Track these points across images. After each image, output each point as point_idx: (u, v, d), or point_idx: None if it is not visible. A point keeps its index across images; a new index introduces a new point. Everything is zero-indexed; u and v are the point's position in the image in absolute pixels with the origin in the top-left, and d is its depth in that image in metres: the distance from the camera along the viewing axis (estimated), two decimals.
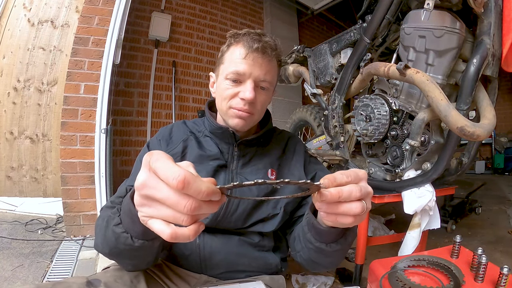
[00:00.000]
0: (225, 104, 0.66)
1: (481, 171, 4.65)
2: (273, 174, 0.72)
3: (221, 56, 0.69)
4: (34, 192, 2.48)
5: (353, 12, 3.79)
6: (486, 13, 0.84)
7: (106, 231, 0.47)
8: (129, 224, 0.43)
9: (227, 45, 0.67)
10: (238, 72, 0.64)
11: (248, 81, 0.65)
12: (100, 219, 0.55)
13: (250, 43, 0.64)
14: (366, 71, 1.15)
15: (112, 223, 0.45)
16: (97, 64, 1.87)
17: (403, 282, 0.53)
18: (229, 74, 0.64)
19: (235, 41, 0.66)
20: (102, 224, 0.48)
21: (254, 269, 0.67)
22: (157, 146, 0.70)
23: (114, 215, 0.45)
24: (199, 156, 0.68)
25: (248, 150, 0.71)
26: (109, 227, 0.46)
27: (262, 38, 0.65)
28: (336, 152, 1.32)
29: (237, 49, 0.65)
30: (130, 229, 0.43)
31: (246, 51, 0.64)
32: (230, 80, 0.65)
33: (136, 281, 0.58)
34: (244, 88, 0.65)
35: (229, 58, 0.66)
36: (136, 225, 0.41)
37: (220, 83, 0.68)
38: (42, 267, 1.39)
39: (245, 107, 0.65)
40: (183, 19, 3.07)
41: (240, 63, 0.64)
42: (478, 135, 0.80)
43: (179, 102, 3.01)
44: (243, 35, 0.66)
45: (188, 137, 0.71)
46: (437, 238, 1.67)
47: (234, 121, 0.67)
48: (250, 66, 0.64)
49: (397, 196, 1.06)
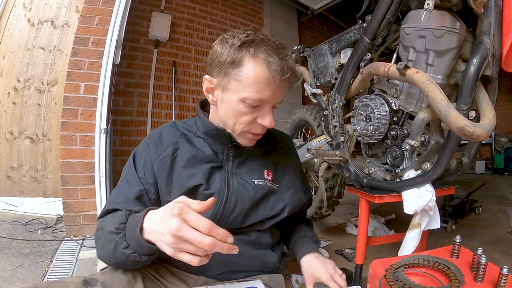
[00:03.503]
0: (240, 127, 0.63)
1: (481, 171, 4.65)
2: (269, 174, 0.72)
3: (231, 67, 0.58)
4: (34, 192, 2.47)
5: (353, 12, 3.79)
6: (486, 13, 0.84)
7: (115, 252, 0.53)
8: (136, 247, 0.51)
9: (240, 55, 0.58)
10: (262, 99, 0.59)
11: (267, 106, 0.61)
12: (100, 231, 0.58)
13: (279, 69, 0.56)
14: (366, 71, 1.15)
15: (120, 247, 0.52)
16: (97, 64, 1.87)
17: (403, 282, 0.53)
18: (250, 100, 0.58)
19: (254, 55, 0.57)
20: (109, 245, 0.54)
21: (253, 268, 0.67)
22: (144, 152, 0.68)
23: (121, 240, 0.52)
24: (191, 158, 0.66)
25: (242, 150, 0.71)
26: (118, 250, 0.52)
27: (287, 62, 0.58)
28: (336, 152, 1.32)
29: (259, 71, 0.56)
30: (138, 250, 0.51)
31: (273, 79, 0.57)
32: (248, 105, 0.59)
33: (134, 281, 0.58)
34: (263, 114, 0.61)
35: (248, 79, 0.57)
36: (144, 248, 0.49)
37: (233, 102, 0.60)
38: (42, 267, 1.39)
39: (263, 132, 0.65)
40: (183, 19, 3.07)
41: (265, 90, 0.58)
42: (478, 135, 0.80)
43: (179, 102, 3.01)
44: (262, 47, 0.57)
45: (178, 140, 0.69)
46: (437, 238, 1.67)
47: (245, 142, 0.66)
48: (273, 94, 0.59)
49: (397, 196, 1.06)
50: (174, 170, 0.66)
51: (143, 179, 0.66)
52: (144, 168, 0.66)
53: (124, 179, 0.68)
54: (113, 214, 0.60)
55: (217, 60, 0.61)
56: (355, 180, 1.26)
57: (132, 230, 0.50)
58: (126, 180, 0.67)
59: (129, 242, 0.51)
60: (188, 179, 0.65)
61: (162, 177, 0.66)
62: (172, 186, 0.65)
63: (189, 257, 0.43)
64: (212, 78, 0.64)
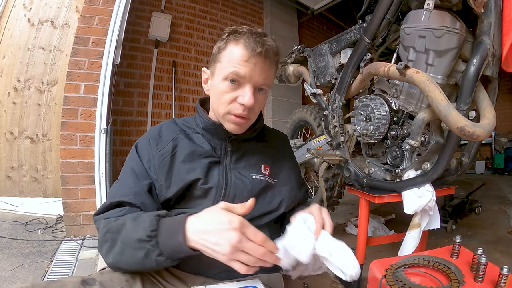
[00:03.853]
0: (222, 108, 0.65)
1: (481, 171, 4.65)
2: (266, 169, 0.73)
3: (218, 53, 0.66)
4: (34, 192, 2.48)
5: (353, 12, 3.79)
6: (486, 13, 0.84)
7: (145, 260, 0.53)
8: (172, 254, 0.52)
9: (225, 42, 0.64)
10: (238, 74, 0.62)
11: (247, 85, 0.63)
12: (111, 234, 0.57)
13: (253, 45, 0.61)
14: (366, 71, 1.15)
15: (153, 254, 0.52)
16: (97, 64, 1.87)
17: (403, 282, 0.53)
18: (229, 75, 0.62)
19: (234, 39, 0.63)
20: (136, 253, 0.53)
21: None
22: (146, 146, 0.68)
23: (153, 247, 0.52)
24: (190, 154, 0.67)
25: (240, 145, 0.72)
26: (150, 257, 0.52)
27: (265, 41, 0.63)
28: (336, 152, 1.32)
29: (237, 49, 0.62)
30: (172, 257, 0.52)
31: (248, 54, 0.61)
32: (229, 81, 0.63)
33: (132, 281, 0.58)
34: (243, 92, 0.63)
35: (228, 57, 0.63)
36: (182, 254, 0.52)
37: (217, 83, 0.66)
38: (42, 267, 1.39)
39: (244, 113, 0.65)
40: (183, 19, 3.07)
41: (240, 65, 0.62)
42: (478, 135, 0.80)
43: (179, 102, 3.02)
44: (244, 34, 0.63)
45: (177, 135, 0.70)
46: (437, 238, 1.67)
47: (230, 126, 0.67)
48: (250, 70, 0.62)
49: (397, 196, 1.06)
50: (174, 166, 0.66)
51: (150, 173, 0.66)
52: (149, 163, 0.67)
53: (130, 172, 0.66)
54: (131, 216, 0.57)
55: (212, 53, 0.69)
56: (355, 180, 1.26)
57: (170, 237, 0.51)
58: (132, 173, 0.66)
59: (163, 249, 0.52)
60: (187, 174, 0.65)
61: (162, 173, 0.66)
62: (171, 181, 0.65)
63: (239, 266, 0.48)
64: (207, 69, 0.71)
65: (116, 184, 0.66)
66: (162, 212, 0.57)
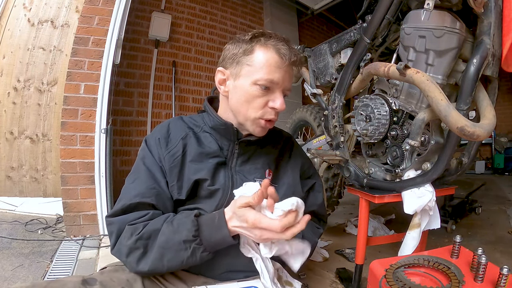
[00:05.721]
0: (253, 112, 0.66)
1: (481, 171, 4.65)
2: (270, 174, 0.73)
3: (243, 55, 0.65)
4: (34, 192, 2.48)
5: (353, 12, 3.79)
6: (486, 13, 0.84)
7: (189, 259, 0.57)
8: (213, 247, 0.58)
9: (251, 45, 0.64)
10: (273, 81, 0.63)
11: (278, 90, 0.65)
12: (146, 241, 0.58)
13: (288, 53, 0.63)
14: (366, 71, 1.15)
15: (199, 252, 0.57)
16: (97, 64, 1.87)
17: (403, 282, 0.53)
18: (262, 80, 0.63)
19: (264, 44, 0.64)
20: (182, 254, 0.57)
21: (252, 268, 0.67)
22: (156, 146, 0.68)
23: (198, 245, 0.57)
24: (199, 154, 0.68)
25: (247, 148, 0.72)
26: (195, 255, 0.57)
27: (295, 50, 0.66)
28: (336, 152, 1.32)
29: (270, 55, 0.63)
30: (213, 249, 0.58)
31: (283, 62, 0.63)
32: (260, 86, 0.63)
33: (133, 280, 0.58)
34: (274, 97, 0.65)
35: (259, 62, 0.63)
36: (224, 245, 0.58)
37: (245, 87, 0.65)
38: (42, 267, 1.39)
39: (275, 117, 0.68)
40: (183, 19, 3.07)
41: (275, 72, 0.63)
42: (478, 135, 0.80)
43: (179, 102, 3.02)
44: (271, 39, 0.64)
45: (187, 134, 0.70)
46: (437, 238, 1.67)
47: (258, 130, 0.68)
48: (282, 76, 0.64)
49: (397, 196, 1.06)
50: (185, 165, 0.67)
51: (164, 172, 0.67)
52: (160, 163, 0.67)
53: (145, 170, 0.65)
54: (163, 220, 0.60)
55: (230, 54, 0.67)
56: (355, 180, 1.26)
57: (214, 233, 0.57)
58: (148, 172, 0.65)
59: (206, 245, 0.57)
60: (194, 173, 0.66)
61: (173, 173, 0.66)
62: (183, 182, 0.66)
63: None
64: (225, 69, 0.68)
65: (131, 184, 0.65)
66: (195, 211, 0.60)
